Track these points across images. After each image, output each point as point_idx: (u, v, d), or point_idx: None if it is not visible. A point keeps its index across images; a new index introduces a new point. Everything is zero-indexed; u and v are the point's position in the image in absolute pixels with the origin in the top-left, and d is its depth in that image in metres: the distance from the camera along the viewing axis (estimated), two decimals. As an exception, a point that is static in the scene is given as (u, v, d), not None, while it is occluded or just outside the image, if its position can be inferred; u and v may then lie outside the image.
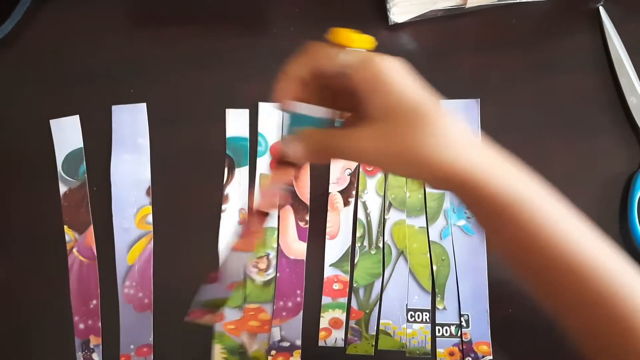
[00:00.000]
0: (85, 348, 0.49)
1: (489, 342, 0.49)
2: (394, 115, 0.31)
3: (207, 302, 0.46)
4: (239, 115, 0.55)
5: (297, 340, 0.50)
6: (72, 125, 0.54)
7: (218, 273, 0.45)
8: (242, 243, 0.44)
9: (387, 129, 0.31)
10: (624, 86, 0.54)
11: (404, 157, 0.31)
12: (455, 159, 0.31)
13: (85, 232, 0.52)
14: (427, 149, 0.31)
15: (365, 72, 0.31)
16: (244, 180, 0.53)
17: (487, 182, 0.32)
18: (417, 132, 0.31)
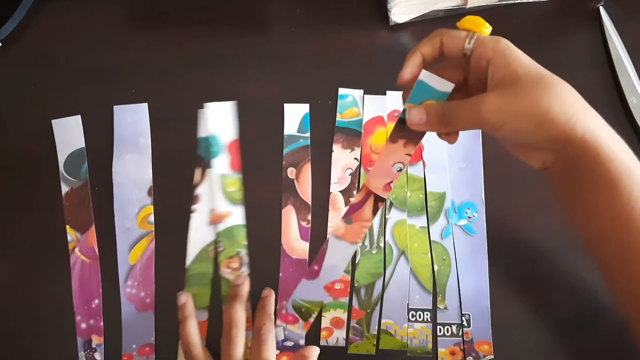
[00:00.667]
0: (88, 347, 0.49)
1: (490, 342, 0.50)
2: (521, 81, 0.34)
3: (301, 306, 0.48)
4: (215, 114, 0.55)
5: (300, 340, 0.50)
6: (74, 126, 0.54)
7: (319, 265, 0.47)
8: (349, 232, 0.46)
9: (515, 92, 0.34)
10: (624, 86, 0.55)
11: (530, 115, 0.34)
12: (578, 121, 0.34)
13: (87, 232, 0.52)
14: (554, 109, 0.33)
15: (497, 45, 0.35)
16: (215, 181, 0.53)
17: (608, 147, 0.34)
18: (544, 94, 0.34)
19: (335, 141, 0.54)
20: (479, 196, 0.53)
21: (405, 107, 0.39)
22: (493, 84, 0.35)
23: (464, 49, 0.37)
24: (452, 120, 0.37)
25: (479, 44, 0.36)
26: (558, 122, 0.34)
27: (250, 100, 0.55)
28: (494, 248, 0.52)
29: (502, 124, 0.35)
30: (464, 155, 0.54)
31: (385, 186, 0.43)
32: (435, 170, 0.54)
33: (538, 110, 0.34)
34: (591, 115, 0.35)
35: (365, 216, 0.46)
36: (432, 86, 0.38)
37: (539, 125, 0.34)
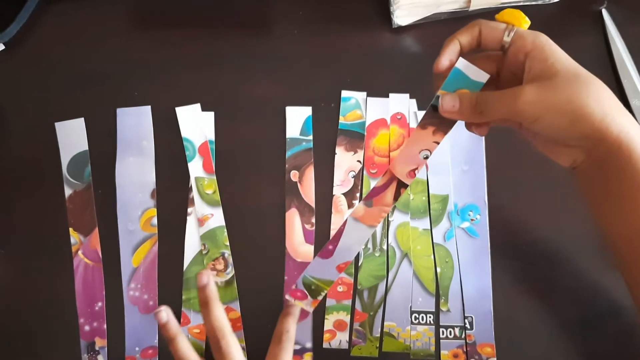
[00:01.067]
0: (91, 350, 0.49)
1: (493, 344, 0.50)
2: (559, 76, 0.35)
3: (312, 283, 0.47)
4: (185, 118, 0.55)
5: (307, 343, 0.50)
6: (77, 128, 0.54)
7: (334, 245, 0.46)
8: (368, 215, 0.45)
9: (553, 86, 0.34)
10: (626, 88, 0.55)
11: (567, 110, 0.34)
12: (613, 120, 0.34)
13: (90, 234, 0.52)
14: (590, 106, 0.34)
15: (536, 39, 0.36)
16: (193, 184, 0.53)
17: (639, 147, 0.34)
18: (581, 91, 0.34)
19: (338, 144, 0.54)
20: (482, 198, 0.53)
21: (438, 94, 0.39)
22: (530, 77, 0.36)
23: (502, 41, 0.37)
24: (486, 110, 0.37)
25: (518, 37, 0.37)
26: (594, 120, 0.34)
27: (253, 102, 0.55)
28: (496, 250, 0.52)
29: (537, 116, 0.35)
30: (467, 157, 0.54)
31: (409, 172, 0.43)
32: (438, 172, 0.54)
33: (575, 106, 0.34)
34: (626, 116, 0.35)
35: (386, 200, 0.45)
36: (467, 75, 0.39)
37: (575, 121, 0.34)
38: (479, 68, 0.38)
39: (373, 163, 0.54)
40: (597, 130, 0.34)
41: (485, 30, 0.38)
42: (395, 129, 0.55)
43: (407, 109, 0.55)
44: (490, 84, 0.39)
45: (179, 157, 0.54)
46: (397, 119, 0.55)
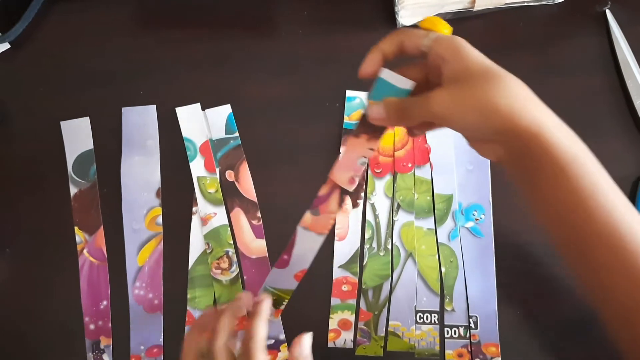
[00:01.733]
0: (96, 349, 0.49)
1: (497, 344, 0.50)
2: (471, 76, 0.36)
3: (273, 294, 0.47)
4: (185, 117, 0.55)
5: (280, 335, 0.50)
6: (83, 127, 0.54)
7: (289, 255, 0.47)
8: (315, 223, 0.47)
9: (463, 87, 0.36)
10: (630, 89, 0.55)
11: (475, 108, 0.35)
12: (522, 112, 0.34)
13: (95, 233, 0.52)
14: (497, 101, 0.35)
15: (450, 44, 0.37)
16: (195, 184, 0.53)
17: (553, 136, 0.34)
18: (489, 88, 0.35)
19: (343, 143, 0.55)
20: (486, 198, 0.53)
21: (367, 103, 0.41)
22: (445, 80, 0.37)
23: (421, 47, 0.38)
24: (409, 115, 0.38)
25: (435, 43, 0.37)
26: (501, 114, 0.35)
27: (258, 102, 0.55)
28: (501, 250, 0.52)
29: (450, 117, 0.36)
30: (472, 157, 0.54)
31: (350, 179, 0.45)
32: (442, 172, 0.54)
33: (482, 103, 0.35)
34: (538, 108, 0.35)
35: (331, 208, 0.47)
36: (393, 83, 0.40)
37: (484, 117, 0.35)
38: (408, 76, 0.40)
39: (378, 163, 0.54)
40: (506, 123, 0.35)
41: (406, 38, 0.39)
42: (400, 128, 0.55)
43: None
44: (423, 89, 0.39)
45: (184, 156, 0.54)
46: (402, 118, 0.55)
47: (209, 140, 0.54)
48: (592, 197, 0.34)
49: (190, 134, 0.54)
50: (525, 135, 0.35)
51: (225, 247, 0.52)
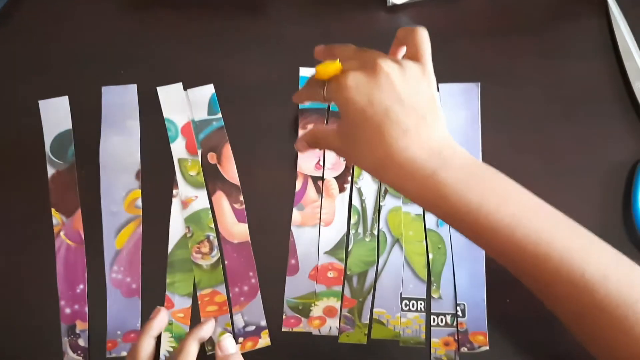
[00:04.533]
0: (71, 333, 0.48)
1: (485, 332, 0.48)
2: (348, 131, 0.38)
3: (298, 304, 0.49)
4: (166, 98, 0.53)
5: (261, 321, 0.49)
6: (61, 107, 0.53)
7: (295, 258, 0.49)
8: (305, 218, 0.49)
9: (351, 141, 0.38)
10: (629, 71, 0.53)
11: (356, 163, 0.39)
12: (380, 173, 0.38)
13: (73, 215, 0.50)
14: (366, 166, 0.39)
15: (335, 97, 0.38)
16: (176, 166, 0.52)
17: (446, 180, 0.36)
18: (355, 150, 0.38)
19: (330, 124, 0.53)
20: (477, 183, 0.51)
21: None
22: (340, 124, 0.39)
23: (322, 100, 0.40)
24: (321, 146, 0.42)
25: (329, 93, 0.39)
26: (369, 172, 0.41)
27: (243, 83, 0.54)
28: (491, 237, 0.50)
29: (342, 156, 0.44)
30: (463, 142, 0.52)
31: (315, 165, 0.47)
32: (431, 156, 0.52)
33: (357, 163, 0.39)
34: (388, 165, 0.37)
35: (312, 197, 0.51)
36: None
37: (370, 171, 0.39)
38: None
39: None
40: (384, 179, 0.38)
41: (310, 92, 0.42)
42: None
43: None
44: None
45: (164, 138, 0.52)
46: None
47: (191, 122, 0.52)
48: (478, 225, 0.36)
49: (171, 114, 0.53)
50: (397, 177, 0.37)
51: (206, 231, 0.50)
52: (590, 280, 0.33)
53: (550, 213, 0.36)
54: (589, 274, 0.33)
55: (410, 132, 0.36)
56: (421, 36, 0.39)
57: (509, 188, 0.37)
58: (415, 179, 0.36)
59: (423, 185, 0.36)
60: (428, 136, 0.36)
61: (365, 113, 0.36)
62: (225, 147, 0.52)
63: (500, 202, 0.35)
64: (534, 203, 0.36)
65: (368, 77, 0.36)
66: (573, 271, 0.34)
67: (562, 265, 0.34)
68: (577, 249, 0.34)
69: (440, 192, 0.35)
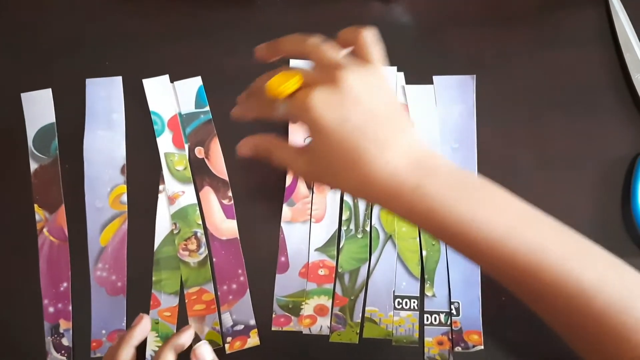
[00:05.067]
0: (55, 332, 0.47)
1: (480, 331, 0.47)
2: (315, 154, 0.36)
3: (288, 303, 0.48)
4: (152, 90, 0.52)
5: (250, 320, 0.48)
6: (44, 99, 0.51)
7: (285, 255, 0.48)
8: (296, 213, 0.49)
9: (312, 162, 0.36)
10: (629, 62, 0.51)
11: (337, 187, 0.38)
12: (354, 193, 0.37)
13: (56, 211, 0.49)
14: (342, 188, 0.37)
15: (300, 116, 0.35)
16: (162, 160, 0.51)
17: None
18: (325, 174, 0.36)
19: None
20: (472, 178, 0.50)
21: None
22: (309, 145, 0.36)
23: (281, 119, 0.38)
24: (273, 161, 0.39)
25: (288, 114, 0.37)
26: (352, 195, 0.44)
27: (231, 75, 0.52)
28: (486, 233, 0.49)
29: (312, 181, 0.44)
30: (458, 135, 0.51)
31: None
32: (426, 150, 0.51)
33: (331, 185, 0.38)
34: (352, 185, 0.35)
35: (303, 193, 0.50)
36: None
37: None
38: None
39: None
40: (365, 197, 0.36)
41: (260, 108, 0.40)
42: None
43: (394, 82, 0.52)
44: None
45: (151, 131, 0.51)
46: (384, 93, 0.52)
47: (178, 115, 0.51)
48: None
49: (157, 107, 0.51)
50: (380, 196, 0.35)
51: (194, 228, 0.49)
52: (588, 289, 0.32)
53: (543, 221, 0.35)
54: (586, 283, 0.32)
55: (390, 145, 0.34)
56: (367, 37, 0.37)
57: (500, 197, 0.35)
58: (402, 194, 0.33)
59: (411, 199, 0.33)
60: (408, 145, 0.34)
61: (339, 133, 0.33)
62: (213, 141, 0.51)
63: (492, 213, 0.33)
64: (526, 212, 0.35)
65: (333, 92, 0.33)
66: (570, 280, 0.32)
67: (558, 275, 0.32)
68: (572, 257, 0.33)
69: (429, 205, 0.33)
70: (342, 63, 0.35)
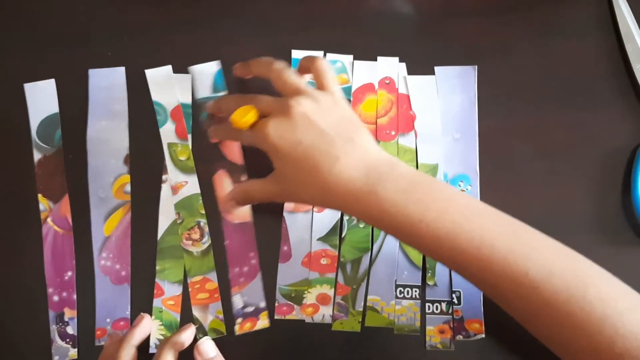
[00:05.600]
0: (60, 321, 0.47)
1: (481, 320, 0.47)
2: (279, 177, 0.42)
3: (290, 292, 0.48)
4: (155, 80, 0.52)
5: (261, 303, 0.48)
6: (48, 90, 0.51)
7: (287, 244, 0.49)
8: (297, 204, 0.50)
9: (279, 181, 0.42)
10: (630, 53, 0.52)
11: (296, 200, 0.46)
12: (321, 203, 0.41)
13: (60, 201, 0.49)
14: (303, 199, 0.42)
15: (263, 144, 0.41)
16: (165, 151, 0.51)
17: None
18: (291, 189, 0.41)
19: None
20: (473, 168, 0.50)
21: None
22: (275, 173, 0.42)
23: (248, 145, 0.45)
24: (253, 198, 0.45)
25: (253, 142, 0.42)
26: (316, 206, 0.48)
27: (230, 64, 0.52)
28: (487, 222, 0.49)
29: (285, 201, 0.48)
30: (459, 125, 0.51)
31: None
32: (427, 140, 0.51)
33: (297, 200, 0.44)
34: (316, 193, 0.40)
35: None
36: None
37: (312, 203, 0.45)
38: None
39: (359, 130, 0.51)
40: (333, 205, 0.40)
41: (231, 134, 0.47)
42: (384, 94, 0.52)
43: (396, 73, 0.52)
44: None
45: (153, 122, 0.51)
46: (386, 83, 0.52)
47: (181, 105, 0.51)
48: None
49: (160, 98, 0.51)
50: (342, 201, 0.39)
51: (197, 218, 0.49)
52: (535, 279, 0.33)
53: (492, 215, 0.36)
54: (533, 273, 0.34)
55: (341, 156, 0.38)
56: (321, 65, 0.42)
57: (448, 195, 0.37)
58: (358, 200, 0.37)
59: (366, 204, 0.37)
60: (360, 155, 0.38)
61: (295, 153, 0.38)
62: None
63: (439, 210, 0.36)
64: (474, 207, 0.37)
65: (286, 120, 0.39)
66: (518, 271, 0.34)
67: (506, 266, 0.34)
68: (520, 248, 0.34)
69: (382, 207, 0.36)
70: (300, 89, 0.40)
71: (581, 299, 0.33)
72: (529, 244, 0.35)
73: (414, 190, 0.37)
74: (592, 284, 0.33)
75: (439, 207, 0.36)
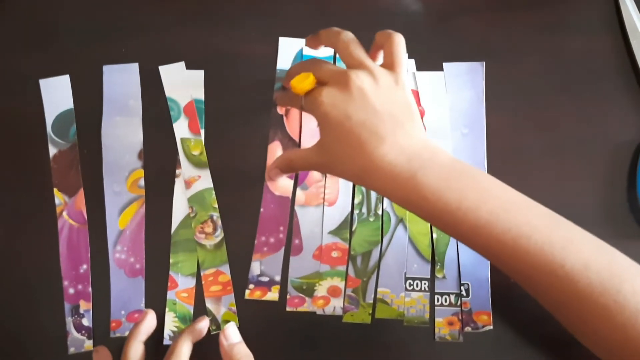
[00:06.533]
0: (75, 313, 0.48)
1: (489, 312, 0.48)
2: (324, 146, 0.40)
3: (302, 284, 0.49)
4: (168, 76, 0.53)
5: (276, 276, 0.49)
6: (63, 86, 0.52)
7: (299, 238, 0.49)
8: (309, 197, 0.51)
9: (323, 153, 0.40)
10: (635, 49, 0.52)
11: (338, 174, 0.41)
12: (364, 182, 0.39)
13: (75, 195, 0.50)
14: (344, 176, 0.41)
15: (315, 113, 0.40)
16: (179, 145, 0.52)
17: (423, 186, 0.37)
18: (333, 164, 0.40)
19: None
20: (482, 163, 0.51)
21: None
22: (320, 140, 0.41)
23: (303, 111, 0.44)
24: (296, 167, 0.44)
25: (305, 106, 0.41)
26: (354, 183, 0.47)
27: (245, 61, 0.53)
28: (495, 216, 0.50)
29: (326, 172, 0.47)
30: (467, 120, 0.52)
31: None
32: (436, 135, 0.52)
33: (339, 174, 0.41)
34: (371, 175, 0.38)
35: (316, 177, 0.51)
36: None
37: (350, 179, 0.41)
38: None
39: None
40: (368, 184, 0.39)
41: (291, 100, 0.46)
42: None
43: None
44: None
45: (167, 117, 0.52)
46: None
47: (193, 101, 0.52)
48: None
49: (174, 93, 0.52)
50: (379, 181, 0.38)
51: (210, 211, 0.50)
52: (571, 271, 0.34)
53: (530, 206, 0.37)
54: (569, 265, 0.34)
55: (388, 139, 0.37)
56: (396, 43, 0.40)
57: (488, 185, 0.37)
58: (397, 183, 0.37)
59: (405, 188, 0.37)
60: (406, 141, 0.38)
61: (344, 126, 0.38)
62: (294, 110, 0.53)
63: (479, 199, 0.36)
64: (513, 198, 0.37)
65: (342, 92, 0.38)
66: (554, 262, 0.34)
67: (542, 258, 0.34)
68: (557, 240, 0.35)
69: (421, 193, 0.36)
70: (363, 63, 0.39)
71: (615, 293, 0.33)
72: (566, 236, 0.35)
73: (453, 178, 0.37)
74: (627, 279, 0.34)
75: (477, 197, 0.36)
